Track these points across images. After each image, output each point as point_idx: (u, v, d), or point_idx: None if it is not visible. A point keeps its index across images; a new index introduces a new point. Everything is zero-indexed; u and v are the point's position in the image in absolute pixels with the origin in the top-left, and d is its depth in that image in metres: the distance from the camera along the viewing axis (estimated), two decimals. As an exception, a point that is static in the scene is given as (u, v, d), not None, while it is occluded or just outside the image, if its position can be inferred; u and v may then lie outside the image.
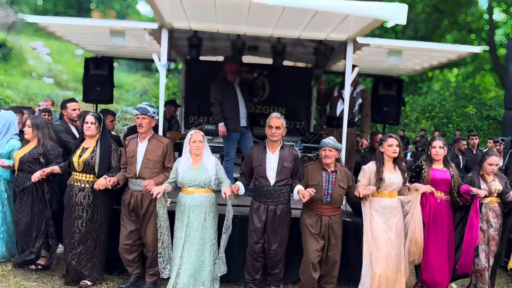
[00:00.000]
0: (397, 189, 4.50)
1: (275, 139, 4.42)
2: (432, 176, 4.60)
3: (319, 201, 4.35)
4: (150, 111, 4.45)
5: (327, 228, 4.36)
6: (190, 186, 4.29)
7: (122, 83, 22.29)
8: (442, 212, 4.62)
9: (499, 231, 4.65)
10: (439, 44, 5.78)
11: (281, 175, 4.39)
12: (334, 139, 4.46)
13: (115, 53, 7.46)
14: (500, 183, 4.66)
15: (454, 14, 18.17)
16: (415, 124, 19.87)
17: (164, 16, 4.81)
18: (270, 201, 4.40)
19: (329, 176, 4.38)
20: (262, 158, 4.43)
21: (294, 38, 5.78)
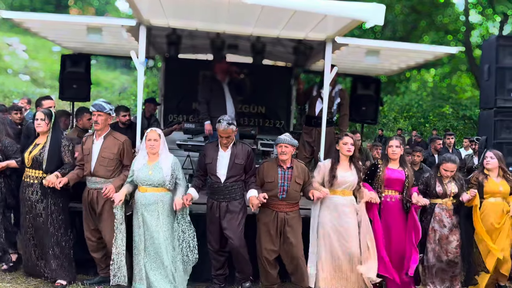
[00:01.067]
0: (350, 187, 4.52)
1: (228, 145, 4.44)
2: (386, 176, 4.64)
3: (275, 197, 4.36)
4: (106, 108, 4.40)
5: (283, 224, 4.37)
6: (143, 184, 4.24)
7: (100, 81, 22.02)
8: (395, 212, 4.65)
9: (453, 230, 4.67)
10: (416, 44, 5.87)
11: (233, 171, 4.39)
12: (290, 136, 4.47)
13: (92, 50, 7.36)
14: (456, 185, 4.70)
15: (431, 16, 18.45)
16: (393, 124, 20.12)
17: (142, 13, 4.76)
18: (222, 198, 4.40)
19: (284, 172, 4.39)
20: (214, 156, 4.43)
21: (274, 37, 5.79)
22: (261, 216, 4.48)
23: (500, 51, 5.97)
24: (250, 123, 8.25)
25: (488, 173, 4.80)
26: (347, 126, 6.64)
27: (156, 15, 4.97)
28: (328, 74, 5.36)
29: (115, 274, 4.28)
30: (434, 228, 4.70)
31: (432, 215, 4.71)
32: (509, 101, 5.96)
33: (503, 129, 6.00)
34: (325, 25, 4.89)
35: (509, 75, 5.97)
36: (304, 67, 7.84)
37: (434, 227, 4.70)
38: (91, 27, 5.17)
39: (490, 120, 6.02)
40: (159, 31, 5.76)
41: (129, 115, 6.02)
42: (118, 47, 6.50)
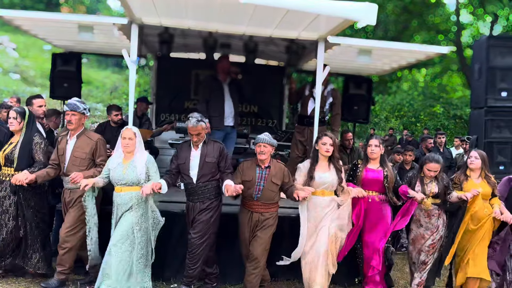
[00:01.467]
0: (330, 188, 4.46)
1: (198, 144, 4.39)
2: (364, 176, 4.59)
3: (251, 197, 4.33)
4: (80, 107, 4.36)
5: (257, 225, 4.34)
6: (118, 184, 4.19)
7: (92, 80, 21.91)
8: (374, 212, 4.59)
9: (432, 230, 4.61)
10: (407, 44, 5.89)
11: (204, 170, 4.32)
12: (269, 135, 4.43)
13: (83, 49, 7.31)
14: (438, 186, 4.61)
15: (423, 15, 18.56)
16: (384, 123, 20.22)
17: (134, 11, 4.74)
18: (196, 199, 4.35)
19: (262, 172, 4.35)
20: (186, 156, 4.37)
21: (266, 37, 5.78)
22: (240, 216, 4.47)
23: (491, 51, 6.03)
24: (242, 122, 8.25)
25: (469, 173, 4.71)
26: (339, 126, 6.66)
27: (148, 14, 4.94)
28: (320, 73, 5.36)
29: (92, 259, 4.28)
30: (411, 228, 4.69)
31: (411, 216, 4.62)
32: (500, 100, 6.02)
33: (494, 128, 6.06)
34: (318, 24, 4.90)
35: (499, 74, 6.03)
36: (296, 66, 7.85)
37: (411, 227, 4.69)
38: (82, 25, 5.13)
39: (481, 120, 6.07)
40: (151, 30, 5.74)
41: (121, 114, 5.98)
42: (110, 45, 6.46)
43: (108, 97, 20.39)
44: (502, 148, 5.85)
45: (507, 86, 6.04)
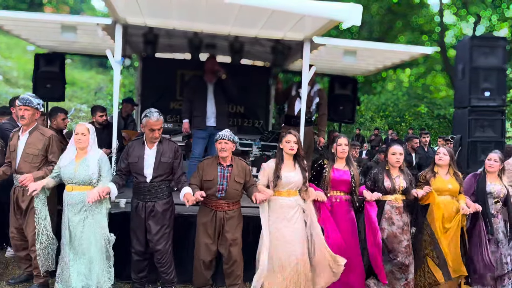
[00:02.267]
0: (295, 188, 4.32)
1: (157, 141, 4.24)
2: (332, 176, 4.48)
3: (214, 196, 4.21)
4: (33, 103, 4.26)
5: (222, 224, 4.23)
6: (69, 183, 4.06)
7: (76, 80, 21.63)
8: (342, 213, 4.49)
9: (404, 228, 4.51)
10: (392, 45, 5.94)
11: (159, 170, 4.19)
12: (230, 132, 4.32)
13: (67, 49, 7.23)
14: (405, 180, 4.56)
15: (407, 16, 18.74)
16: (370, 123, 20.36)
17: (118, 11, 4.70)
18: (148, 198, 4.19)
19: (224, 170, 4.24)
20: (140, 155, 4.20)
21: (252, 37, 5.78)
22: (200, 216, 4.32)
23: (474, 52, 6.08)
24: (228, 122, 8.23)
25: (437, 170, 4.68)
26: (325, 126, 6.69)
27: (132, 14, 4.91)
28: (306, 73, 5.38)
29: (42, 265, 4.16)
30: (383, 227, 4.51)
31: (382, 213, 4.52)
32: (483, 100, 6.07)
33: (477, 127, 6.10)
34: (303, 25, 4.91)
35: (482, 74, 6.08)
36: (282, 66, 7.86)
37: (383, 226, 4.52)
38: (65, 26, 5.08)
39: (465, 119, 6.12)
40: (136, 30, 5.69)
41: (105, 115, 5.92)
42: (94, 46, 6.40)
43: (93, 98, 20.17)
44: (485, 147, 5.88)
45: (490, 86, 6.10)
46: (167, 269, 4.28)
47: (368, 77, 17.16)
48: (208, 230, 4.24)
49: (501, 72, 6.10)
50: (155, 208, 4.19)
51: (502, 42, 6.20)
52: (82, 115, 17.54)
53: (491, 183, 4.70)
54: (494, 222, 4.64)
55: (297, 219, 4.30)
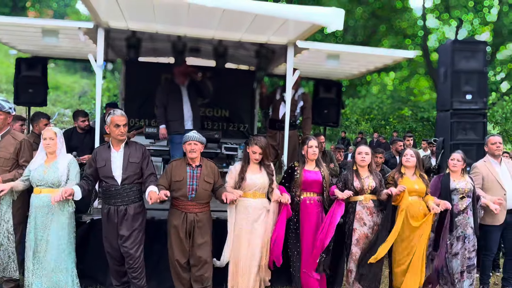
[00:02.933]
0: (261, 190, 4.40)
1: (123, 138, 4.17)
2: (304, 178, 4.54)
3: (184, 197, 4.20)
4: (5, 107, 4.25)
5: (193, 226, 4.22)
6: (38, 185, 4.05)
7: (60, 84, 21.42)
8: (315, 214, 4.56)
9: (374, 228, 4.56)
10: (374, 49, 5.97)
11: (128, 171, 4.14)
12: (198, 133, 4.32)
13: (49, 53, 7.14)
14: (375, 180, 4.62)
15: (391, 20, 18.94)
16: (355, 126, 20.51)
17: (100, 15, 4.66)
18: (120, 201, 4.13)
19: (193, 171, 4.24)
20: (106, 158, 4.15)
21: (236, 41, 5.77)
22: (171, 219, 4.28)
23: (455, 55, 6.16)
24: (214, 127, 8.21)
25: (404, 171, 4.75)
26: (310, 129, 6.71)
27: (114, 17, 4.87)
28: (290, 77, 5.40)
29: (4, 269, 4.12)
30: (355, 227, 4.56)
31: (354, 214, 4.58)
32: (465, 103, 6.15)
33: (460, 130, 6.18)
34: (286, 29, 4.92)
35: (464, 78, 6.16)
36: (267, 70, 7.85)
37: (355, 227, 4.57)
38: (46, 30, 5.04)
39: (447, 122, 6.18)
40: (118, 34, 5.64)
41: (88, 120, 5.86)
42: (76, 50, 6.34)
43: (77, 102, 19.97)
44: (467, 149, 5.95)
45: (472, 89, 6.18)
46: (139, 274, 4.21)
47: (353, 80, 17.31)
48: (180, 233, 4.22)
49: (482, 75, 6.19)
50: (127, 212, 4.14)
51: (483, 46, 6.29)
52: (66, 119, 17.34)
53: (455, 181, 4.80)
54: (464, 218, 4.72)
55: (261, 221, 4.40)
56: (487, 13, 18.49)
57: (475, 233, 4.77)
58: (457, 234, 4.71)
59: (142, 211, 4.25)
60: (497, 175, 5.07)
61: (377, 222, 4.60)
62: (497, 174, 5.08)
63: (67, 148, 5.61)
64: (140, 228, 4.22)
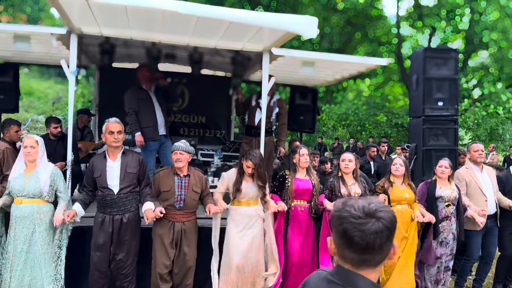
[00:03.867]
0: (255, 198, 4.44)
1: (118, 145, 4.16)
2: (295, 186, 4.60)
3: (172, 207, 4.19)
4: None
5: (180, 235, 4.22)
6: (18, 195, 3.95)
7: (33, 90, 21.05)
8: (305, 221, 4.62)
9: None
10: (348, 56, 6.06)
11: (125, 182, 4.12)
12: (186, 143, 4.32)
13: (21, 59, 7.00)
14: (360, 187, 4.67)
15: (365, 28, 19.22)
16: (332, 132, 20.70)
17: (72, 21, 4.61)
18: (116, 211, 4.10)
19: (181, 181, 4.23)
20: (102, 168, 4.12)
21: (211, 48, 5.77)
22: (156, 228, 4.25)
23: (427, 62, 6.28)
24: (190, 133, 8.18)
25: (393, 180, 4.81)
26: (285, 135, 6.74)
27: (87, 23, 4.82)
28: (266, 84, 5.42)
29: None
30: None
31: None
32: (436, 109, 6.27)
33: (431, 136, 6.29)
34: (261, 36, 4.95)
35: (435, 85, 6.28)
36: (243, 77, 7.89)
37: None
38: (18, 35, 4.95)
39: (419, 128, 6.30)
40: (92, 40, 5.58)
41: (60, 126, 5.75)
42: (49, 56, 6.23)
43: (51, 109, 19.63)
44: (439, 155, 6.06)
45: (443, 96, 6.31)
46: (128, 282, 4.19)
47: (330, 87, 17.49)
48: (165, 242, 4.19)
49: (453, 82, 6.33)
50: (123, 221, 4.12)
51: (454, 54, 6.44)
52: (39, 126, 17.02)
53: (441, 188, 4.87)
54: (447, 224, 4.81)
55: (256, 228, 4.42)
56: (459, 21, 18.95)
57: (459, 238, 4.86)
58: (440, 239, 4.80)
59: (138, 219, 4.23)
60: (479, 182, 5.18)
61: None
62: (479, 181, 5.19)
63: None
64: (135, 236, 4.20)
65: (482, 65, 19.00)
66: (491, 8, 17.37)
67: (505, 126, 17.02)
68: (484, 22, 17.41)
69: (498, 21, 17.00)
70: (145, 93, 5.81)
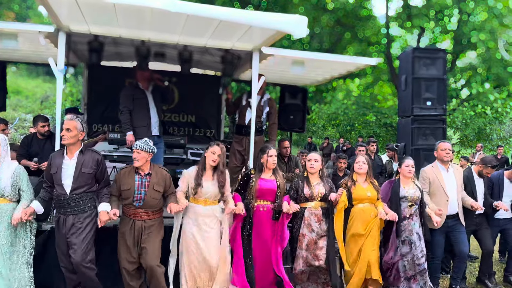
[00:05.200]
0: (213, 197, 4.40)
1: (65, 142, 4.07)
2: (259, 186, 4.59)
3: (132, 205, 4.17)
4: None
5: (141, 233, 4.16)
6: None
7: (21, 89, 20.83)
8: (267, 221, 4.61)
9: (322, 235, 4.64)
10: (338, 56, 6.08)
11: (79, 182, 4.03)
12: (146, 141, 4.24)
13: (8, 57, 6.93)
14: (325, 187, 4.71)
15: (355, 28, 19.27)
16: (322, 131, 20.76)
17: (61, 19, 4.57)
18: (69, 211, 4.03)
19: (142, 179, 4.19)
20: (59, 164, 4.04)
21: (201, 46, 5.76)
22: (120, 226, 4.26)
23: (415, 62, 6.34)
24: (179, 132, 8.15)
25: (356, 178, 4.85)
26: (276, 135, 6.74)
27: (76, 21, 4.78)
28: (256, 83, 5.43)
29: None
30: (303, 233, 4.64)
31: (302, 219, 4.66)
32: (425, 109, 6.33)
33: (420, 136, 6.36)
34: (251, 35, 4.95)
35: (424, 85, 6.34)
36: (233, 76, 7.87)
37: (304, 232, 4.64)
38: (5, 33, 4.90)
39: (408, 128, 6.35)
40: (80, 38, 5.53)
41: (48, 125, 5.70)
42: (37, 54, 6.18)
43: (39, 107, 19.44)
44: (428, 154, 6.14)
45: (431, 96, 6.37)
46: (89, 284, 4.10)
47: (319, 86, 17.52)
48: (127, 240, 4.16)
49: (441, 82, 6.39)
50: (75, 222, 4.03)
51: (442, 54, 6.50)
52: (27, 125, 16.84)
53: (405, 187, 4.89)
54: (408, 224, 4.82)
55: (211, 228, 4.37)
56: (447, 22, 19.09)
57: (425, 236, 4.87)
58: (402, 238, 4.80)
59: (92, 220, 4.11)
60: (443, 181, 5.20)
61: (325, 229, 4.69)
62: (443, 180, 5.20)
63: (27, 155, 5.49)
64: (90, 237, 4.09)
65: (470, 65, 19.16)
66: (479, 9, 17.51)
67: (493, 126, 17.21)
68: (472, 23, 17.55)
69: (486, 22, 17.14)
70: (141, 92, 5.80)
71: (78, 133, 4.09)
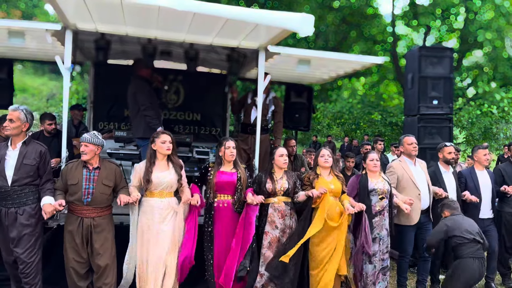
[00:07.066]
0: (168, 188, 4.21)
1: (8, 133, 4.01)
2: (217, 179, 4.45)
3: (79, 202, 3.99)
4: None
5: (90, 232, 4.01)
6: None
7: (27, 87, 20.94)
8: (228, 217, 4.46)
9: (286, 231, 4.51)
10: (344, 54, 6.05)
11: (21, 173, 3.92)
12: (96, 134, 4.13)
13: (15, 55, 6.96)
14: (288, 181, 4.59)
15: (361, 27, 19.26)
16: (327, 130, 20.73)
17: (67, 17, 4.58)
18: (10, 204, 3.92)
19: (90, 173, 4.03)
20: (2, 155, 3.95)
21: (207, 45, 5.76)
22: (66, 224, 4.06)
23: (422, 61, 6.32)
24: (185, 130, 8.16)
25: (319, 172, 4.70)
26: (281, 133, 6.75)
27: (82, 19, 4.79)
28: (261, 82, 5.42)
29: None
30: (266, 231, 4.51)
31: (266, 217, 4.52)
32: (431, 108, 6.32)
33: (426, 134, 6.34)
34: (257, 34, 4.94)
35: (430, 83, 6.33)
36: (238, 74, 7.87)
37: (266, 230, 4.51)
38: (12, 31, 4.92)
39: (414, 126, 6.34)
40: (87, 36, 5.55)
41: (55, 123, 5.73)
42: (43, 52, 6.19)
43: (45, 105, 19.53)
44: (434, 153, 6.11)
45: (438, 95, 6.36)
46: (31, 280, 4.00)
47: (324, 85, 17.49)
48: (76, 239, 4.01)
49: (448, 81, 6.38)
50: (18, 215, 3.94)
51: (449, 52, 6.49)
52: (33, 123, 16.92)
53: (373, 181, 4.79)
54: (380, 220, 4.71)
55: (168, 221, 4.19)
56: (454, 21, 19.01)
57: (390, 233, 4.77)
58: (373, 235, 4.65)
59: (36, 214, 4.01)
60: (412, 175, 5.11)
61: (290, 225, 4.54)
62: (412, 174, 5.12)
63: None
64: (34, 232, 4.00)
65: (477, 64, 19.10)
66: (486, 8, 17.43)
67: (499, 125, 17.11)
68: (479, 21, 17.48)
69: (492, 21, 17.07)
70: (150, 88, 5.80)
71: (22, 124, 4.02)
